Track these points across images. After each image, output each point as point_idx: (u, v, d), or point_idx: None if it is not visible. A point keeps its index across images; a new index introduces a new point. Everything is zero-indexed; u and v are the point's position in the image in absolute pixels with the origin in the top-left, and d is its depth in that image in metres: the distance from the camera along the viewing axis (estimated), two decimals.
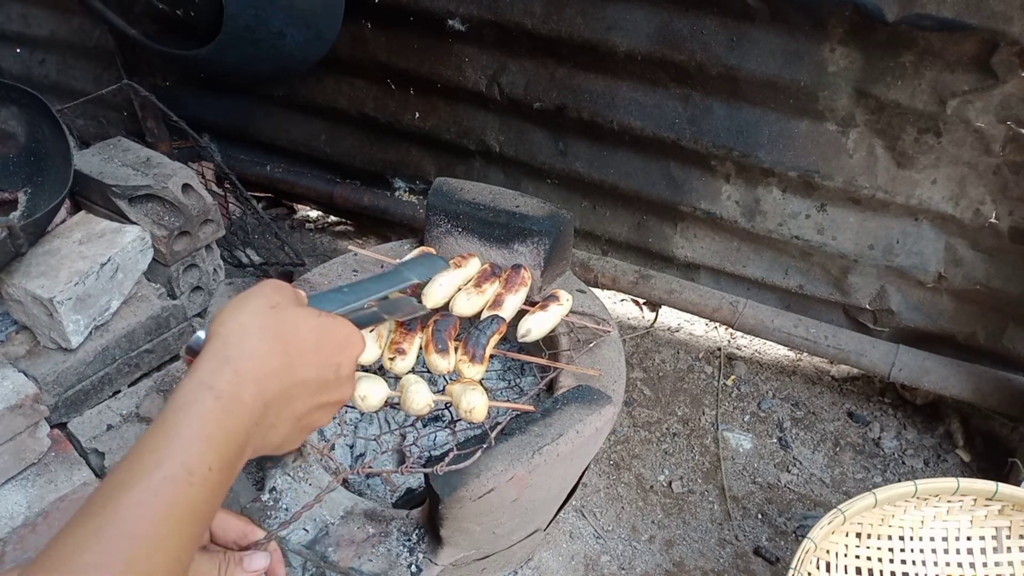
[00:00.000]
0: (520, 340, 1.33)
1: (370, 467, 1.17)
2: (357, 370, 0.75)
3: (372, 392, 1.12)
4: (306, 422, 0.67)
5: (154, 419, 0.56)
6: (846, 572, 1.38)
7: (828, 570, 1.36)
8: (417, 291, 1.33)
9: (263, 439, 0.62)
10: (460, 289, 1.36)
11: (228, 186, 2.25)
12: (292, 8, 1.78)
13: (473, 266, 1.42)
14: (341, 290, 0.82)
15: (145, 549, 0.49)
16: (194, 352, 0.65)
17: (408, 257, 1.39)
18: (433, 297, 1.31)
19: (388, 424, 1.58)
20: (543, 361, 1.35)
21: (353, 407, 1.14)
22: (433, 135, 2.32)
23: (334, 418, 0.71)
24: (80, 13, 2.57)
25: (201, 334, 0.64)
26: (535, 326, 1.32)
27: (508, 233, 1.49)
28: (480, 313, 1.34)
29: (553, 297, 1.38)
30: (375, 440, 1.50)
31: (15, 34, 2.82)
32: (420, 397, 1.14)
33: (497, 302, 1.34)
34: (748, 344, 2.23)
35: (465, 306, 1.33)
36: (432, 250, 1.50)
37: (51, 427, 1.60)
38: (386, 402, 1.15)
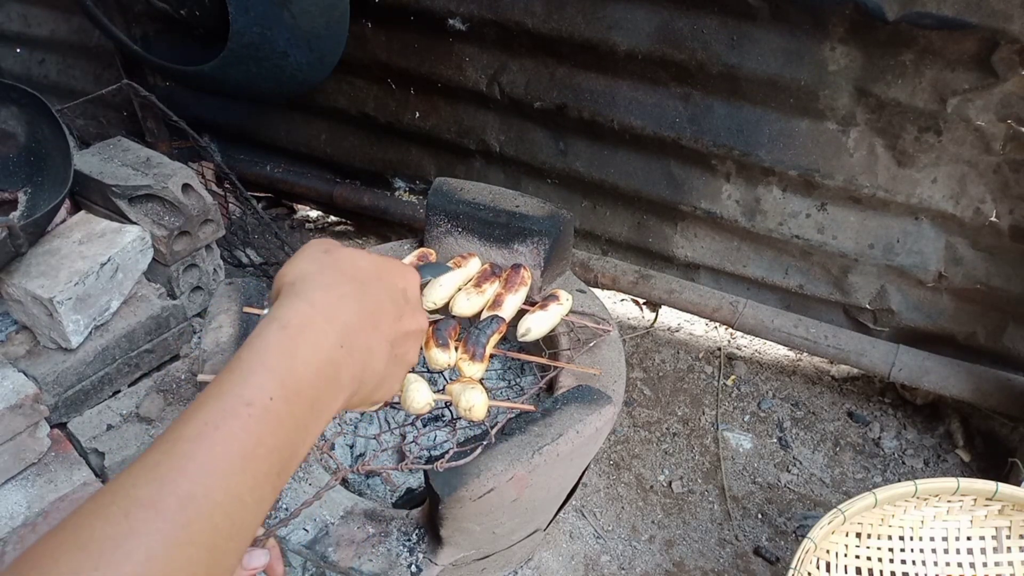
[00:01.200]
0: (520, 339, 1.33)
1: (369, 465, 1.16)
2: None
3: None
4: (399, 352, 0.66)
5: None
6: (846, 572, 1.38)
7: (828, 570, 1.36)
8: None
9: (363, 367, 0.60)
10: (460, 289, 1.36)
11: (228, 186, 2.25)
12: (297, 29, 1.79)
13: (473, 266, 1.42)
14: None
15: (202, 485, 0.46)
16: None
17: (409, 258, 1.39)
18: (433, 297, 1.31)
19: (388, 423, 1.58)
20: (543, 360, 1.35)
21: None
22: (433, 135, 2.32)
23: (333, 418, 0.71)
24: (80, 13, 2.57)
25: None
26: (535, 325, 1.32)
27: (508, 233, 1.48)
28: (480, 313, 1.34)
29: (553, 297, 1.38)
30: (375, 439, 1.50)
31: (15, 34, 2.82)
32: (420, 396, 1.14)
33: (497, 302, 1.34)
34: (748, 344, 2.23)
35: (465, 306, 1.33)
36: (431, 252, 1.50)
37: (51, 427, 1.60)
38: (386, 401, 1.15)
